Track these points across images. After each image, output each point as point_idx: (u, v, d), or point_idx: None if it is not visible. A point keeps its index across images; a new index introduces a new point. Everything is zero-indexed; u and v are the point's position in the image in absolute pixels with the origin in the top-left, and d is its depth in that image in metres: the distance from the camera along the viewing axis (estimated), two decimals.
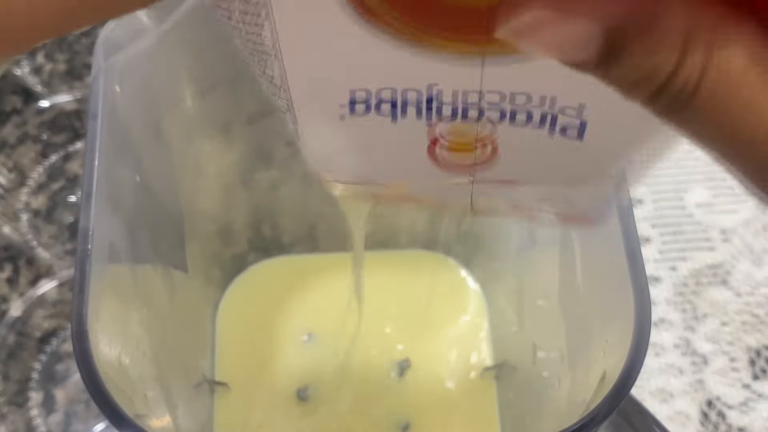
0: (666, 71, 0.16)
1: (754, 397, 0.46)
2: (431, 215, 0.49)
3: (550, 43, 0.16)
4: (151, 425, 0.31)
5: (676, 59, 0.15)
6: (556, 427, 0.32)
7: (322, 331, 0.48)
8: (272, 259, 0.50)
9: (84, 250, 0.30)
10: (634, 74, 0.16)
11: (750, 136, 0.16)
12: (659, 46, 0.15)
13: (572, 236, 0.36)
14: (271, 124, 0.42)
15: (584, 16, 0.15)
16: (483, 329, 0.48)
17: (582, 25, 0.15)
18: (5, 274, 0.49)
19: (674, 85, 0.16)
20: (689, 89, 0.16)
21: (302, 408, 0.45)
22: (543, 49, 0.16)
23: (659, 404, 0.46)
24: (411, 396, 0.46)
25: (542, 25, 0.16)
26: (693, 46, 0.15)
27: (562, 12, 0.15)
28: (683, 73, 0.15)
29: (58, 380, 0.47)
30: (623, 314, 0.30)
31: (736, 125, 0.16)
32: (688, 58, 0.15)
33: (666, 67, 0.15)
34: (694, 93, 0.16)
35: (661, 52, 0.15)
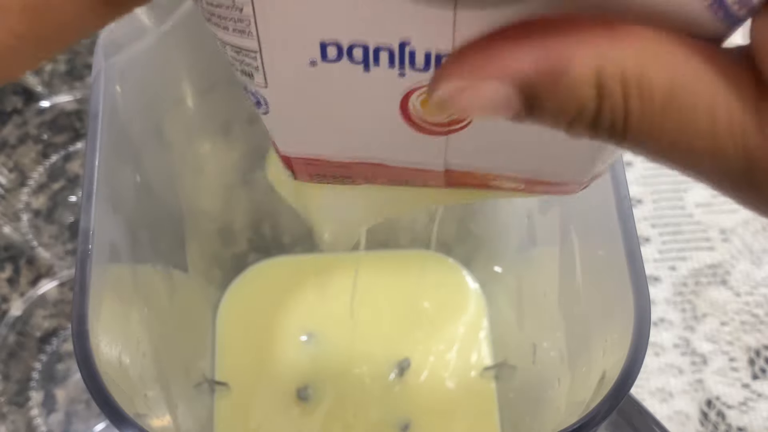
0: (590, 110, 0.16)
1: (754, 396, 0.46)
2: (431, 215, 0.49)
3: (475, 106, 0.17)
4: (151, 425, 0.31)
5: (595, 101, 0.16)
6: (555, 426, 0.32)
7: (322, 330, 0.48)
8: (272, 258, 0.50)
9: (84, 250, 0.30)
10: (561, 118, 0.16)
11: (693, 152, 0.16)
12: (573, 93, 0.16)
13: (572, 236, 0.36)
14: None
15: (495, 80, 0.16)
16: (483, 329, 0.48)
17: (495, 88, 0.16)
18: (6, 273, 0.50)
19: (604, 120, 0.16)
20: (619, 121, 0.16)
21: (302, 408, 0.45)
22: (471, 111, 0.17)
23: (659, 404, 0.46)
24: (411, 396, 0.46)
25: (462, 93, 0.17)
26: (608, 84, 0.16)
27: (474, 79, 0.16)
28: (607, 109, 0.16)
29: (58, 380, 0.47)
30: (623, 314, 0.30)
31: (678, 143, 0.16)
32: (606, 96, 0.16)
33: (589, 106, 0.16)
34: (625, 122, 0.16)
35: (577, 98, 0.16)
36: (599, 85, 0.16)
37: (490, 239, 0.47)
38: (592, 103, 0.16)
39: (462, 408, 0.46)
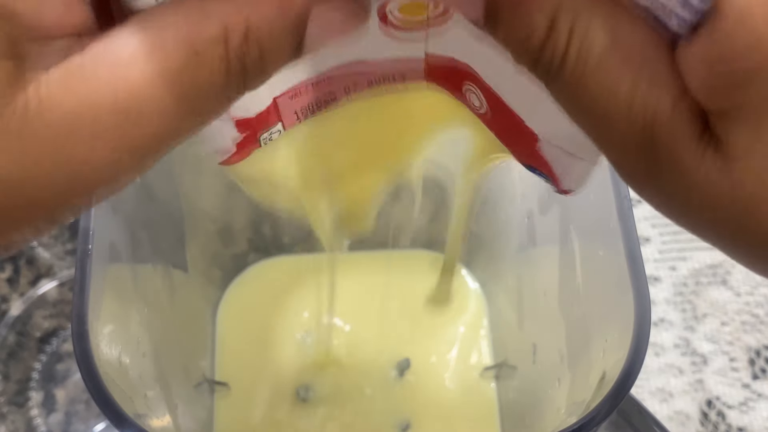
0: (538, 39, 0.16)
1: (754, 396, 0.46)
2: (431, 215, 0.49)
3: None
4: (151, 425, 0.31)
5: (544, 30, 0.16)
6: (555, 427, 0.32)
7: (321, 331, 0.48)
8: (272, 258, 0.50)
9: (84, 250, 0.30)
10: (512, 37, 0.17)
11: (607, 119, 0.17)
12: (528, 15, 0.16)
13: (572, 236, 0.36)
14: None
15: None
16: (483, 329, 0.48)
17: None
18: (6, 273, 0.50)
19: (545, 54, 0.17)
20: (556, 62, 0.17)
21: (302, 408, 0.45)
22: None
23: (659, 404, 0.46)
24: (411, 396, 0.46)
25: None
26: (560, 20, 0.16)
27: None
28: (550, 45, 0.16)
29: (58, 380, 0.47)
30: (623, 314, 0.30)
31: (595, 105, 0.17)
32: (555, 30, 0.16)
33: (538, 34, 0.16)
34: (561, 66, 0.17)
35: (532, 20, 0.16)
36: (552, 19, 0.16)
37: (490, 239, 0.47)
38: (540, 34, 0.16)
39: (462, 408, 0.46)
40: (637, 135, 0.16)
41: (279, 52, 0.18)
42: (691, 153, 0.16)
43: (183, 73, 0.16)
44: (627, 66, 0.16)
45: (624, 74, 0.16)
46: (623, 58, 0.16)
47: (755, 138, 0.15)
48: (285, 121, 0.25)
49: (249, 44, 0.17)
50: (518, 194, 0.42)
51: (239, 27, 0.17)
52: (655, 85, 0.16)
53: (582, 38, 0.16)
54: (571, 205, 0.36)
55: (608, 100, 0.16)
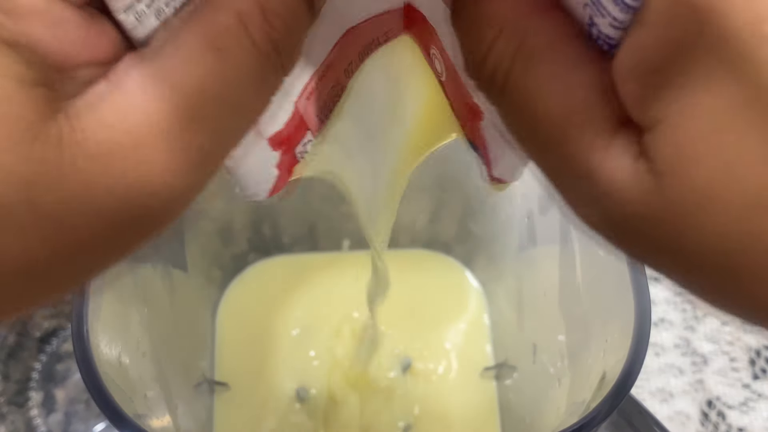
0: (485, 44, 0.16)
1: (754, 397, 0.46)
2: (431, 215, 0.49)
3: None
4: (151, 425, 0.31)
5: (491, 39, 0.16)
6: (556, 427, 0.32)
7: (321, 330, 0.48)
8: (272, 258, 0.50)
9: None
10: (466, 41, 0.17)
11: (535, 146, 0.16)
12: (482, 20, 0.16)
13: (572, 236, 0.36)
14: None
15: None
16: (483, 329, 0.48)
17: None
18: None
19: (488, 65, 0.16)
20: (500, 76, 0.16)
21: (302, 408, 0.45)
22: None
23: (659, 404, 0.46)
24: (411, 396, 0.46)
25: None
26: (506, 34, 0.16)
27: None
28: (494, 57, 0.16)
29: (58, 380, 0.47)
30: (623, 314, 0.30)
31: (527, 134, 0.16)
32: (500, 42, 0.16)
33: (485, 39, 0.16)
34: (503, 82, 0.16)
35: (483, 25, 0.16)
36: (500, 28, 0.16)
37: (491, 239, 0.47)
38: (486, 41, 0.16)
39: (462, 408, 0.46)
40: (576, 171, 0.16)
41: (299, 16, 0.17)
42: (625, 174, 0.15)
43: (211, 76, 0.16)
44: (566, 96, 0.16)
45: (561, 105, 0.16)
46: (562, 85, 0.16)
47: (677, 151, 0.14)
48: (311, 127, 0.25)
49: (270, 20, 0.16)
50: (518, 194, 0.42)
51: (253, 8, 0.16)
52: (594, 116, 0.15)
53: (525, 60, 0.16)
54: None
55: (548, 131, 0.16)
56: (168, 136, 0.15)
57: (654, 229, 0.15)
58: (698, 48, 0.13)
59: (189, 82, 0.15)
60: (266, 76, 0.17)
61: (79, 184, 0.15)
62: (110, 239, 0.16)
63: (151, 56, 0.16)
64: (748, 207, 0.13)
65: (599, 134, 0.15)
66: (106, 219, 0.15)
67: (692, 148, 0.14)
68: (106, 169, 0.15)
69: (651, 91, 0.14)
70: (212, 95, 0.16)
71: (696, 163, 0.14)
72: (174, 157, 0.16)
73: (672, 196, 0.14)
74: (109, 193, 0.15)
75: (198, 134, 0.16)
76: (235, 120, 0.17)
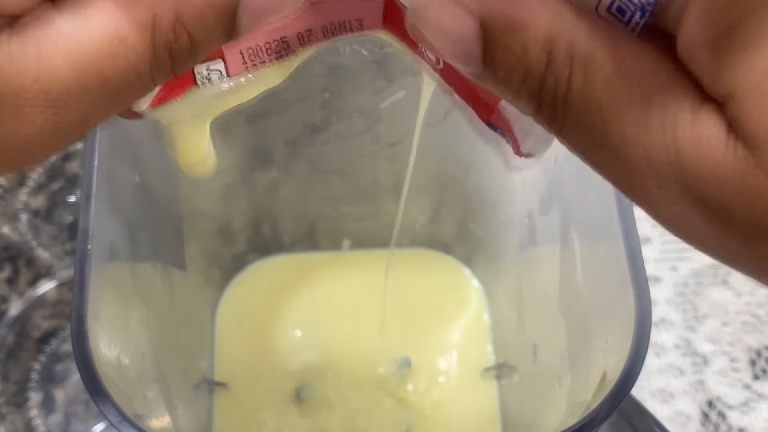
0: (537, 74, 0.16)
1: (755, 397, 0.46)
2: (431, 214, 0.49)
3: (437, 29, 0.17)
4: (150, 425, 0.31)
5: (542, 66, 0.16)
6: (556, 427, 0.32)
7: (321, 330, 0.48)
8: (271, 257, 0.50)
9: (84, 250, 0.30)
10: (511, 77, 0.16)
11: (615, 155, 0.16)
12: (524, 51, 0.16)
13: (573, 236, 0.36)
14: (270, 124, 0.42)
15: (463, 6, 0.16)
16: (484, 328, 0.48)
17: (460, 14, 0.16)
18: (5, 274, 0.50)
19: (548, 89, 0.16)
20: (561, 93, 0.16)
21: (302, 408, 0.45)
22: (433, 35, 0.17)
23: (659, 404, 0.46)
24: (411, 395, 0.46)
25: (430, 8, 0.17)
26: (556, 54, 0.16)
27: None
28: (552, 78, 0.16)
29: (57, 380, 0.47)
30: (623, 314, 0.30)
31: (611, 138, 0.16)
32: (553, 63, 0.16)
33: (535, 69, 0.16)
34: (566, 97, 0.16)
35: (525, 58, 0.16)
36: (549, 50, 0.16)
37: (491, 239, 0.47)
38: (539, 67, 0.16)
39: (463, 408, 0.46)
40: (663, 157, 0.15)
41: (209, 38, 0.18)
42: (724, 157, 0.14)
43: (107, 60, 0.16)
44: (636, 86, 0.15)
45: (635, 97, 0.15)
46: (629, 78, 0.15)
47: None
48: (228, 62, 0.23)
49: (177, 32, 0.17)
50: (518, 194, 0.42)
51: (168, 15, 0.17)
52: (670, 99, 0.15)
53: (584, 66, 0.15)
54: (571, 205, 0.36)
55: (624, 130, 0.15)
56: (50, 99, 0.16)
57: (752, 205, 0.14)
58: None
59: (85, 59, 0.16)
60: (152, 74, 0.17)
61: None
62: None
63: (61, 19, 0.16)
64: None
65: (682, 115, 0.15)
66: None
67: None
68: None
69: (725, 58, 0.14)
70: (101, 77, 0.17)
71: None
72: (52, 120, 0.17)
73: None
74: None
75: (76, 106, 0.17)
76: (113, 102, 0.18)
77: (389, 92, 0.40)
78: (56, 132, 0.17)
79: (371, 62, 0.39)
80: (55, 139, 0.17)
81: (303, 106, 0.41)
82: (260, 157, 0.45)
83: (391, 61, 0.39)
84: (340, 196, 0.48)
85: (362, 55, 0.38)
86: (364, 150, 0.44)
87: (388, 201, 0.48)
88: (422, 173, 0.46)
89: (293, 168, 0.45)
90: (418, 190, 0.47)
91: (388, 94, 0.41)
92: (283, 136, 0.44)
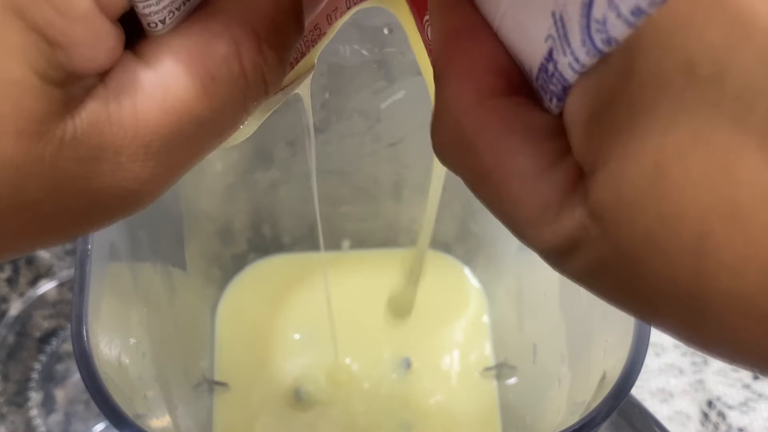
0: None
1: (755, 397, 0.46)
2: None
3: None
4: (150, 425, 0.31)
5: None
6: (556, 427, 0.32)
7: (321, 330, 0.48)
8: (271, 257, 0.50)
9: (84, 250, 0.30)
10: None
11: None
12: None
13: None
14: (271, 124, 0.42)
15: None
16: (484, 328, 0.48)
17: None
18: (5, 274, 0.50)
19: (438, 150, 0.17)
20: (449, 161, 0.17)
21: (302, 408, 0.45)
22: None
23: (659, 404, 0.46)
24: (412, 395, 0.46)
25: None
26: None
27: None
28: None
29: (57, 380, 0.47)
30: (623, 314, 0.30)
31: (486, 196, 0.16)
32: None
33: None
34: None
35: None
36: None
37: (491, 239, 0.47)
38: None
39: (463, 408, 0.46)
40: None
41: (290, 43, 0.17)
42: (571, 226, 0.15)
43: (202, 101, 0.16)
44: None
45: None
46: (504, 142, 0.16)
47: (617, 198, 0.13)
48: None
49: (264, 53, 0.17)
50: None
51: (250, 39, 0.16)
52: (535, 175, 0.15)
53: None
54: None
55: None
56: (151, 152, 0.16)
57: (607, 276, 0.14)
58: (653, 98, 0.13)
59: (179, 105, 0.16)
60: (248, 104, 0.17)
61: (63, 181, 0.15)
62: (78, 221, 0.17)
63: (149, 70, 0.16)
64: (694, 255, 0.12)
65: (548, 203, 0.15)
66: (78, 210, 0.16)
67: (631, 195, 0.13)
68: (92, 173, 0.16)
69: (598, 134, 0.14)
70: (197, 119, 0.16)
71: (634, 210, 0.13)
72: (152, 171, 0.16)
73: (618, 243, 0.14)
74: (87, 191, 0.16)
75: (176, 152, 0.17)
76: (211, 140, 0.18)
77: (389, 92, 0.40)
78: (156, 180, 0.17)
79: (371, 62, 0.39)
80: (157, 188, 0.17)
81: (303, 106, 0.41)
82: (260, 157, 0.45)
83: (391, 62, 0.39)
84: (340, 196, 0.48)
85: (362, 55, 0.38)
86: (364, 150, 0.44)
87: (388, 201, 0.48)
88: (422, 173, 0.46)
89: (293, 168, 0.45)
90: (418, 191, 0.47)
91: (388, 94, 0.41)
92: (283, 136, 0.44)
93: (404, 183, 0.47)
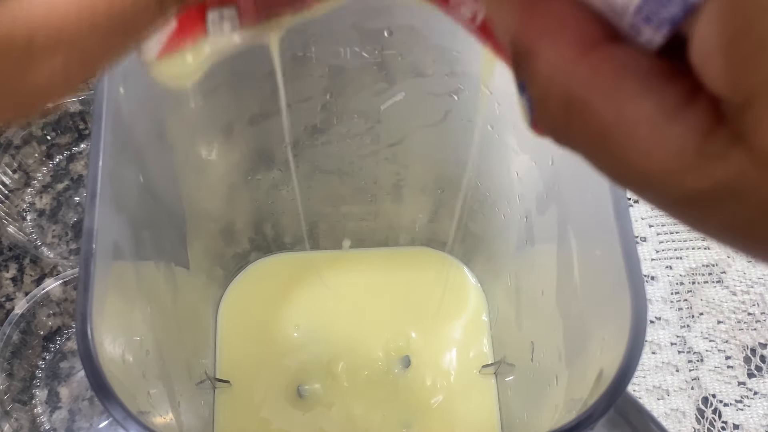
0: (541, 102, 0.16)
1: (750, 394, 0.47)
2: (431, 214, 0.49)
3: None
4: (154, 422, 0.31)
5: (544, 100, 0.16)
6: (554, 424, 0.32)
7: (322, 328, 0.48)
8: (273, 256, 0.51)
9: (88, 250, 0.30)
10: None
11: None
12: (533, 77, 0.16)
13: (569, 235, 0.36)
14: (272, 124, 0.42)
15: None
16: (483, 327, 0.48)
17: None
18: (10, 273, 0.50)
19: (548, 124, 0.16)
20: (561, 134, 0.16)
21: (303, 405, 0.46)
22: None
23: (655, 401, 0.46)
24: (412, 392, 0.46)
25: None
26: (552, 98, 0.15)
27: None
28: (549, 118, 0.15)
29: (62, 378, 0.47)
30: (620, 312, 0.30)
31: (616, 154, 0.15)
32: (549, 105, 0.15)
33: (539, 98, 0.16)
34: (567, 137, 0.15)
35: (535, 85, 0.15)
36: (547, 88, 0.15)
37: (490, 238, 0.47)
38: (542, 97, 0.15)
39: (462, 405, 0.46)
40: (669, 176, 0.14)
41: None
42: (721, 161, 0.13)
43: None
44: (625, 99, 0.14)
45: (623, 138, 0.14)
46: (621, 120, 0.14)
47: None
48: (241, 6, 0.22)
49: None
50: (516, 195, 0.42)
51: None
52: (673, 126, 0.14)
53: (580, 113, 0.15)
54: (568, 205, 0.36)
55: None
56: (59, 45, 0.16)
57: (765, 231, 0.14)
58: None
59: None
60: (162, 2, 0.17)
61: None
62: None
63: None
64: None
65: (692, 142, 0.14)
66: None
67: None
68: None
69: (749, 59, 0.12)
70: (107, 10, 0.17)
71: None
72: (56, 66, 0.17)
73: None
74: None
75: (83, 47, 0.17)
76: (119, 38, 0.18)
77: (389, 94, 0.41)
78: (66, 74, 0.17)
79: (371, 64, 0.39)
80: (65, 82, 0.17)
81: (304, 108, 0.41)
82: (262, 157, 0.45)
83: (391, 64, 0.39)
84: (340, 196, 0.48)
85: (363, 57, 0.39)
86: (364, 150, 0.45)
87: (388, 201, 0.48)
88: (422, 173, 0.46)
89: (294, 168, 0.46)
90: (417, 191, 0.48)
91: (388, 95, 0.41)
92: (284, 136, 0.44)
93: (404, 183, 0.47)
